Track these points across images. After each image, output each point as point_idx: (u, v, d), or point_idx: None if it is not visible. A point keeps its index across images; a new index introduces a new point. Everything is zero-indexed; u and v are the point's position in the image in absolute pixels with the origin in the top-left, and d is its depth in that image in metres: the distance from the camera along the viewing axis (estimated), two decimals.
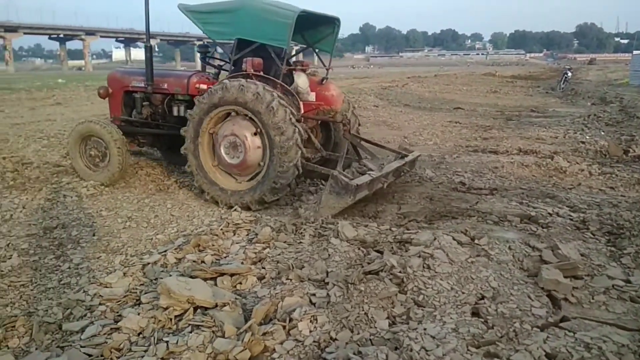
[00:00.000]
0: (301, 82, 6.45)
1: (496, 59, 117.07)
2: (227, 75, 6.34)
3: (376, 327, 3.08)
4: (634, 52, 37.50)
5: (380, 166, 5.99)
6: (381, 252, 4.09)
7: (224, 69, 6.93)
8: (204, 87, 6.32)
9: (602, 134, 10.73)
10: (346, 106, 6.89)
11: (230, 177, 6.04)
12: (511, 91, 26.01)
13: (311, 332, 2.99)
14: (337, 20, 6.73)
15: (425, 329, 2.93)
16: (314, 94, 6.68)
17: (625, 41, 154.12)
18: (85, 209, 5.78)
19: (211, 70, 7.20)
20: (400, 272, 3.59)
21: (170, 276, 3.66)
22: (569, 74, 27.63)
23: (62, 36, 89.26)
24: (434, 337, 2.84)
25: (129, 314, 3.26)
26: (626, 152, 8.56)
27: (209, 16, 6.27)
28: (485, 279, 3.57)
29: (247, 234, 4.85)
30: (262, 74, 6.02)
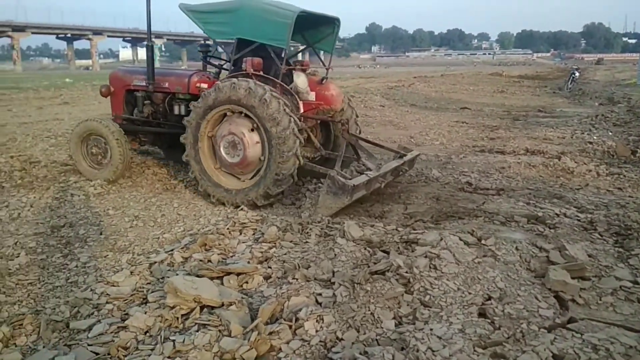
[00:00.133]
0: (300, 81, 6.46)
1: (503, 58, 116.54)
2: (227, 74, 6.37)
3: (382, 327, 3.07)
4: None
5: (378, 166, 5.99)
6: (387, 252, 4.09)
7: (225, 69, 6.96)
8: (205, 86, 6.36)
9: (610, 134, 10.66)
10: (346, 106, 6.91)
11: (233, 177, 6.07)
12: (518, 91, 25.90)
13: (317, 331, 2.99)
14: (337, 20, 6.74)
15: (431, 330, 2.92)
16: (313, 94, 6.70)
17: (633, 41, 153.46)
18: (92, 208, 5.81)
19: (212, 69, 7.23)
20: (406, 272, 3.58)
21: (177, 275, 3.67)
22: (577, 74, 27.46)
23: (69, 36, 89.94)
24: (440, 338, 2.83)
25: (136, 313, 3.27)
26: (634, 152, 8.51)
27: (209, 16, 6.30)
28: (492, 280, 3.55)
29: (254, 234, 4.85)
30: (261, 73, 6.05)
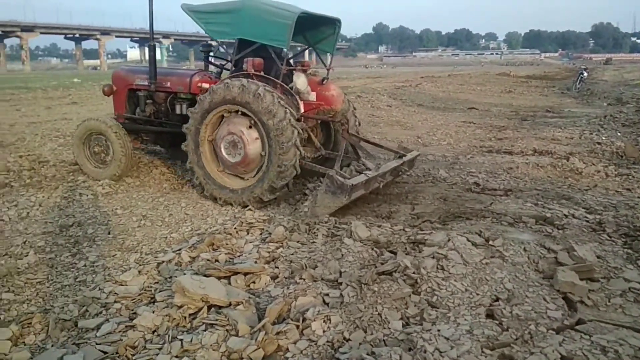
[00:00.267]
0: (300, 82, 6.48)
1: (510, 58, 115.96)
2: (229, 74, 6.41)
3: (390, 327, 3.07)
4: None
5: (377, 166, 6.01)
6: (395, 253, 4.08)
7: (226, 69, 6.99)
8: (206, 85, 6.39)
9: (619, 134, 10.59)
10: (346, 106, 6.92)
11: (237, 178, 6.10)
12: (526, 91, 25.76)
13: (324, 332, 2.99)
14: (337, 21, 6.76)
15: (439, 330, 2.92)
16: (314, 94, 6.73)
17: None
18: (100, 207, 5.84)
19: (214, 69, 7.26)
20: (414, 272, 3.58)
21: (184, 275, 3.68)
22: (585, 74, 27.28)
23: (77, 36, 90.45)
24: (448, 339, 2.83)
25: (144, 312, 3.29)
26: None
27: (211, 16, 6.33)
28: (500, 281, 3.54)
29: (261, 233, 4.86)
30: (262, 73, 6.09)
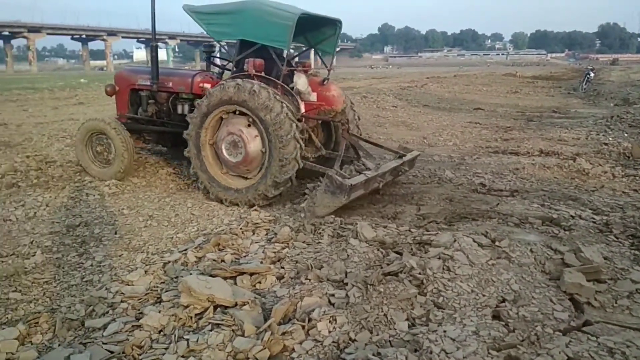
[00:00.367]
0: (301, 82, 6.51)
1: (517, 59, 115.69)
2: (230, 75, 6.46)
3: (395, 328, 3.07)
4: None
5: (377, 166, 6.02)
6: (400, 254, 4.07)
7: (227, 69, 7.02)
8: (208, 86, 6.44)
9: (626, 135, 10.53)
10: (347, 106, 6.95)
11: (241, 178, 6.12)
12: (532, 92, 25.69)
13: (330, 332, 2.99)
14: (338, 22, 6.79)
15: (445, 331, 2.91)
16: (315, 94, 6.75)
17: None
18: (107, 207, 5.86)
19: (216, 69, 7.29)
20: (419, 273, 3.57)
21: (190, 275, 3.69)
22: (592, 75, 27.17)
23: (84, 37, 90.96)
24: (454, 340, 2.82)
25: (150, 312, 3.30)
26: None
27: (213, 17, 6.37)
28: (506, 282, 3.53)
29: (266, 234, 4.87)
30: (263, 74, 6.11)
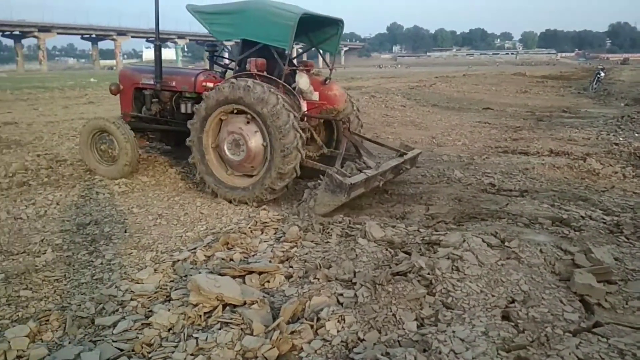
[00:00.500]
0: (303, 82, 6.52)
1: (526, 58, 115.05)
2: (232, 74, 6.49)
3: (404, 328, 3.06)
4: None
5: (377, 164, 6.02)
6: (409, 253, 4.06)
7: (230, 68, 7.05)
8: (211, 85, 6.46)
9: (637, 135, 10.45)
10: (349, 105, 6.96)
11: (247, 177, 6.14)
12: (542, 91, 25.54)
13: (339, 332, 2.99)
14: (340, 21, 6.80)
15: (454, 332, 2.90)
16: (317, 94, 6.77)
17: None
18: (117, 206, 5.89)
19: (219, 69, 7.32)
20: (428, 273, 3.56)
21: (199, 273, 3.70)
22: (602, 74, 26.97)
23: (94, 36, 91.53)
24: (463, 340, 2.81)
25: (160, 310, 3.32)
26: None
27: (215, 17, 6.39)
28: (515, 282, 3.51)
29: (275, 233, 4.88)
30: (265, 74, 6.13)
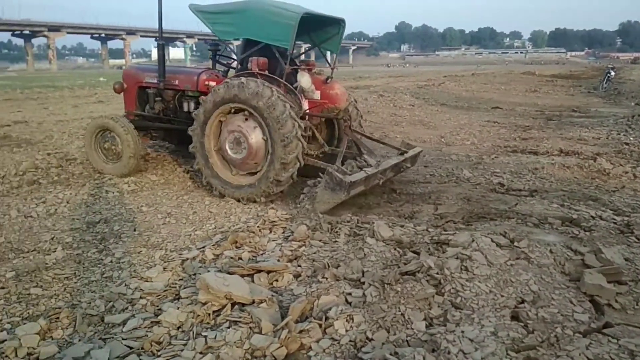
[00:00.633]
0: (304, 81, 6.53)
1: (535, 57, 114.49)
2: (234, 73, 6.52)
3: (413, 328, 3.05)
4: None
5: (378, 162, 6.02)
6: (418, 253, 4.06)
7: (233, 67, 7.08)
8: (213, 84, 6.47)
9: None
10: (350, 104, 6.97)
11: (252, 175, 6.14)
12: (551, 90, 25.39)
13: (347, 331, 3.00)
14: (342, 21, 6.81)
15: (463, 332, 2.89)
16: (318, 93, 6.79)
17: None
18: (126, 205, 5.92)
19: (222, 68, 7.34)
20: (437, 273, 3.56)
21: (208, 272, 3.71)
22: (612, 73, 26.82)
23: (103, 36, 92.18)
24: (472, 340, 2.80)
25: (169, 308, 3.33)
26: None
27: (217, 16, 6.41)
28: (525, 283, 3.50)
29: (283, 232, 4.88)
30: (267, 73, 6.15)
